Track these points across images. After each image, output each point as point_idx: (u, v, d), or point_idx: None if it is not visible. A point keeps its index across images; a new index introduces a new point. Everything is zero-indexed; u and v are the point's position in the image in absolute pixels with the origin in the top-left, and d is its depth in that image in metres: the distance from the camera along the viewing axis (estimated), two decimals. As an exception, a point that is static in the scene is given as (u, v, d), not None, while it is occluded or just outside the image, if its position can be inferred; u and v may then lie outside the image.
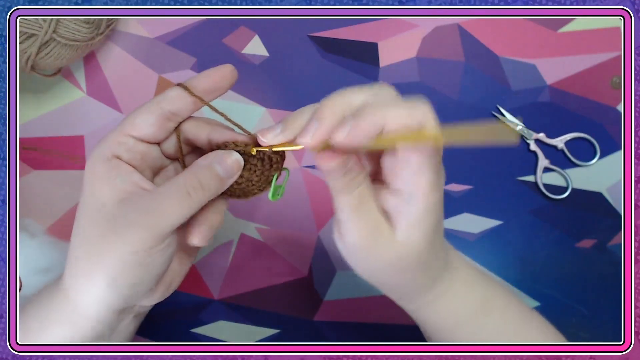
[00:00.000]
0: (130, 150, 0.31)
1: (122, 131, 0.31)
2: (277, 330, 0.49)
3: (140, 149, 0.32)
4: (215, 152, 0.31)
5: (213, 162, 0.31)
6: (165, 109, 0.31)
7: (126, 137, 0.31)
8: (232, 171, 0.31)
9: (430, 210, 0.30)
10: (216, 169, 0.31)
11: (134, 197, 0.30)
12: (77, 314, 0.32)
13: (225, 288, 0.49)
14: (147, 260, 0.30)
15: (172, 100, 0.31)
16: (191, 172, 0.31)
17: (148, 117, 0.31)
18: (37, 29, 0.40)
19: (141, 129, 0.31)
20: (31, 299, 0.36)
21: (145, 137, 0.32)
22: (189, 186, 0.30)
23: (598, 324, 0.49)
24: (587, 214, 0.49)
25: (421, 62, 0.50)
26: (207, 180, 0.30)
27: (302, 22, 0.49)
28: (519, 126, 0.49)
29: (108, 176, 0.30)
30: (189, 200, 0.30)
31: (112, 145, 0.31)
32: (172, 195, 0.30)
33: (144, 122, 0.31)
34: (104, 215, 0.30)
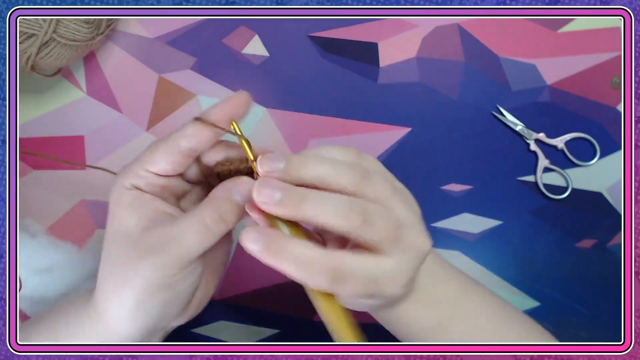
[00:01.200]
0: (150, 183, 0.32)
1: (142, 166, 0.32)
2: (277, 330, 0.49)
3: (161, 182, 0.32)
4: (231, 181, 0.31)
5: (232, 192, 0.31)
6: (183, 147, 0.31)
7: (145, 172, 0.32)
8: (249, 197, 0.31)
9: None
10: (236, 199, 0.31)
11: (158, 225, 0.31)
12: (109, 332, 0.32)
13: (225, 288, 0.49)
14: (174, 284, 0.30)
15: (190, 137, 0.31)
16: (209, 205, 0.31)
17: (166, 155, 0.31)
18: (37, 29, 0.40)
19: (160, 167, 0.31)
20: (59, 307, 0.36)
21: (164, 173, 0.32)
22: (210, 220, 0.30)
23: (598, 324, 0.49)
24: (587, 214, 0.49)
25: (421, 62, 0.50)
26: (227, 212, 0.30)
27: (302, 22, 0.49)
28: (519, 126, 0.49)
29: (132, 205, 0.31)
30: (210, 233, 0.30)
31: (133, 177, 0.32)
32: (193, 229, 0.30)
33: (161, 159, 0.31)
34: (129, 241, 0.30)
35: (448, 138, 0.50)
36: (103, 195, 0.48)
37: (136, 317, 0.31)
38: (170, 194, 0.33)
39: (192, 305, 0.33)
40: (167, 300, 0.31)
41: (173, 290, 0.31)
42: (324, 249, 0.27)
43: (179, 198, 0.34)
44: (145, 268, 0.30)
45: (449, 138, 0.50)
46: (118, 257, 0.31)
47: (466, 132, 0.50)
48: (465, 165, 0.49)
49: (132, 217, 0.31)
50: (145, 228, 0.31)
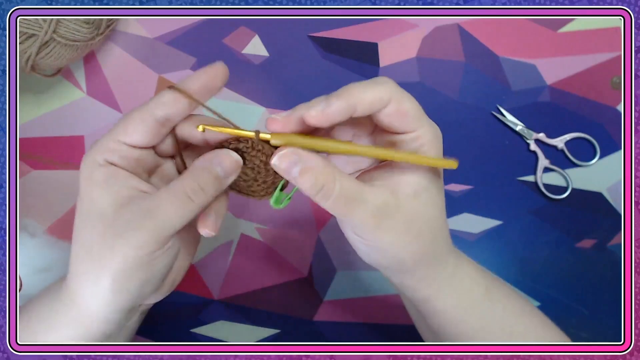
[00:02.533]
0: (124, 156, 0.31)
1: (115, 138, 0.31)
2: (277, 330, 0.49)
3: (135, 154, 0.31)
4: (213, 153, 0.31)
5: (212, 163, 0.31)
6: (158, 115, 0.30)
7: (119, 144, 0.31)
8: (230, 171, 0.31)
9: (432, 178, 0.32)
10: (215, 171, 0.30)
11: (134, 202, 0.30)
12: (84, 316, 0.32)
13: (225, 288, 0.49)
14: (152, 262, 0.30)
15: (165, 105, 0.30)
16: (191, 176, 0.30)
17: (140, 124, 0.30)
18: (37, 29, 0.40)
19: (134, 137, 0.30)
20: (32, 301, 0.36)
21: (139, 144, 0.31)
22: (190, 190, 0.30)
23: (598, 324, 0.49)
24: (587, 214, 0.49)
25: (421, 62, 0.50)
26: (207, 183, 0.30)
27: (302, 22, 0.49)
28: (519, 126, 0.49)
29: (106, 183, 0.30)
30: (191, 204, 0.30)
31: (105, 151, 0.30)
32: (174, 200, 0.29)
33: (136, 130, 0.30)
34: (104, 221, 0.30)
35: (448, 138, 0.50)
36: (103, 195, 0.48)
37: (113, 300, 0.30)
38: (143, 169, 0.32)
39: (166, 283, 0.33)
40: (145, 280, 0.30)
41: (151, 269, 0.30)
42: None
43: (150, 173, 0.34)
44: (123, 247, 0.29)
45: (449, 138, 0.49)
46: (92, 239, 0.30)
47: (466, 132, 0.50)
48: (465, 165, 0.49)
49: (106, 196, 0.30)
50: (120, 205, 0.30)
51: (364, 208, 0.30)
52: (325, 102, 0.29)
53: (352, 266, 0.50)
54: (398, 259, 0.32)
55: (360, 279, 0.50)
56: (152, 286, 0.31)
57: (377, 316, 0.49)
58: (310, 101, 0.30)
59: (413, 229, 0.31)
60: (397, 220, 0.31)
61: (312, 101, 0.30)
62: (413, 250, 0.32)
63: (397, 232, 0.31)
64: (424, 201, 0.31)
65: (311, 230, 0.49)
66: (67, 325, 0.33)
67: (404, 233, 0.31)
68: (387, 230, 0.31)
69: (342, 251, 0.49)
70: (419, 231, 0.31)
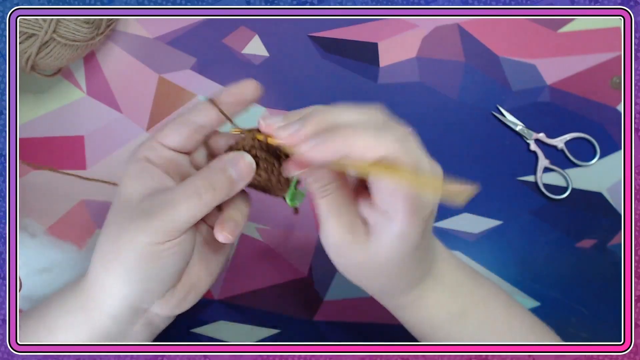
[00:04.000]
0: (160, 155, 0.33)
1: (154, 138, 0.34)
2: (277, 330, 0.49)
3: (169, 155, 0.34)
4: (228, 154, 0.33)
5: (226, 164, 0.32)
6: (193, 121, 0.33)
7: (157, 144, 0.33)
8: (244, 174, 0.32)
9: (408, 233, 0.30)
10: (229, 172, 0.32)
11: (157, 193, 0.32)
12: (92, 307, 0.33)
13: (225, 288, 0.49)
14: (160, 254, 0.31)
15: (201, 113, 0.33)
16: (204, 173, 0.32)
17: (177, 127, 0.33)
18: (37, 29, 0.40)
19: (170, 138, 0.33)
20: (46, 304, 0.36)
21: (174, 145, 0.34)
22: (200, 187, 0.31)
23: (598, 324, 0.49)
24: (587, 214, 0.49)
25: (421, 62, 0.50)
26: (218, 183, 0.31)
27: (302, 22, 0.49)
28: (519, 126, 0.49)
29: (138, 175, 0.33)
30: (199, 200, 0.31)
31: (145, 149, 0.33)
32: (185, 193, 0.31)
33: (173, 132, 0.33)
34: (128, 207, 0.32)
35: (448, 138, 0.50)
36: (103, 195, 0.48)
37: (121, 293, 0.32)
38: (176, 172, 0.34)
39: (177, 292, 0.33)
40: (153, 274, 0.31)
41: (159, 263, 0.31)
42: None
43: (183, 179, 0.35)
44: (134, 230, 0.30)
45: (449, 138, 0.50)
46: (114, 225, 0.32)
47: (466, 132, 0.50)
48: (465, 165, 0.49)
49: (136, 184, 0.32)
50: (144, 196, 0.32)
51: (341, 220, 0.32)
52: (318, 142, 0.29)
53: (352, 266, 0.50)
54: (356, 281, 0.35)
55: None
56: (160, 284, 0.32)
57: (377, 316, 0.49)
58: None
59: (378, 271, 0.33)
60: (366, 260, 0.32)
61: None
62: (371, 285, 0.35)
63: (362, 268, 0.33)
64: (399, 249, 0.31)
65: (311, 230, 0.49)
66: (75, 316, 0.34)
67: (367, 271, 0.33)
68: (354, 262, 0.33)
69: (342, 251, 0.49)
70: (385, 273, 0.33)
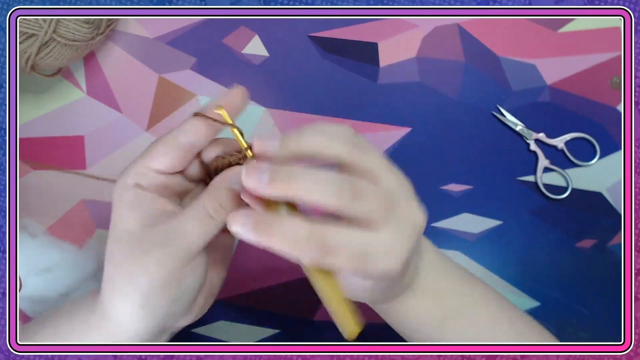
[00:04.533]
0: (151, 182, 0.32)
1: (142, 163, 0.32)
2: (277, 330, 0.49)
3: (161, 179, 0.32)
4: (228, 170, 0.32)
5: (230, 180, 0.31)
6: (183, 142, 0.32)
7: (147, 169, 0.32)
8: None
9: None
10: (233, 188, 0.31)
11: (160, 221, 0.31)
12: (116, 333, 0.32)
13: (225, 288, 0.49)
14: (179, 280, 0.30)
15: (190, 133, 0.32)
16: (210, 194, 0.31)
17: (166, 151, 0.32)
18: (37, 29, 0.40)
19: (160, 163, 0.32)
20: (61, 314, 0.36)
21: (165, 170, 0.32)
22: (211, 209, 0.31)
23: (598, 324, 0.49)
24: (587, 214, 0.49)
25: (421, 62, 0.50)
26: (226, 200, 0.31)
27: (302, 22, 0.49)
28: (519, 126, 0.49)
29: (134, 204, 0.31)
30: (213, 222, 0.31)
31: (134, 175, 0.32)
32: (196, 218, 0.30)
33: (162, 157, 0.32)
34: (131, 240, 0.31)
35: (448, 138, 0.50)
36: (103, 195, 0.48)
37: (143, 317, 0.31)
38: (171, 193, 0.33)
39: (197, 303, 0.33)
40: (174, 297, 0.31)
41: (179, 286, 0.31)
42: (312, 223, 0.27)
43: (181, 197, 0.35)
44: (151, 264, 0.30)
45: (449, 138, 0.50)
46: (122, 256, 0.31)
47: (466, 132, 0.50)
48: (465, 165, 0.49)
49: (133, 215, 0.31)
50: (147, 225, 0.31)
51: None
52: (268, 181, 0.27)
53: (352, 266, 0.49)
54: None
55: (360, 279, 0.50)
56: (181, 305, 0.32)
57: (377, 316, 0.49)
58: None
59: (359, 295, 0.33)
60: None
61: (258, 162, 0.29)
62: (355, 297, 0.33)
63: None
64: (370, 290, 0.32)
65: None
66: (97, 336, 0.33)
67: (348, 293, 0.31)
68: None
69: (342, 251, 0.49)
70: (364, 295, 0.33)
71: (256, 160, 0.30)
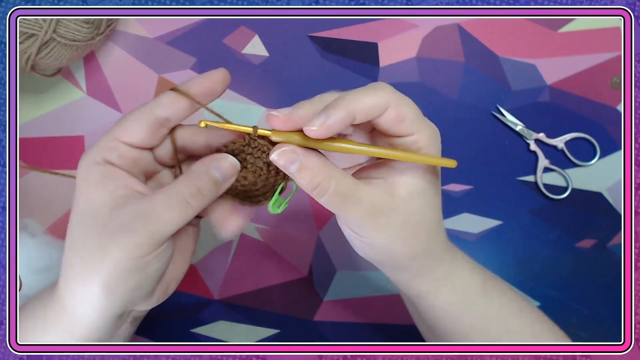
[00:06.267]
0: (122, 155, 0.31)
1: (113, 136, 0.31)
2: (277, 330, 0.49)
3: (132, 154, 0.31)
4: (210, 157, 0.31)
5: (210, 167, 0.30)
6: (157, 115, 0.30)
7: (117, 143, 0.31)
8: (228, 175, 0.31)
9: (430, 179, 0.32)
10: (213, 174, 0.30)
11: (130, 202, 0.29)
12: (74, 322, 0.31)
13: (225, 288, 0.49)
14: (144, 266, 0.29)
15: (165, 105, 0.31)
16: (189, 179, 0.30)
17: (140, 123, 0.30)
18: (37, 29, 0.40)
19: (132, 135, 0.30)
20: (25, 306, 0.35)
21: (137, 143, 0.31)
22: (188, 194, 0.30)
23: (598, 324, 0.49)
24: (587, 214, 0.49)
25: (421, 62, 0.50)
26: (205, 187, 0.30)
27: (302, 22, 0.49)
28: (519, 126, 0.49)
29: (102, 182, 0.30)
30: (188, 207, 0.30)
31: (103, 150, 0.30)
32: (171, 203, 0.29)
33: (135, 129, 0.30)
34: (99, 221, 0.29)
35: (448, 138, 0.50)
36: (103, 195, 0.48)
37: (102, 305, 0.30)
38: (140, 172, 0.32)
39: (159, 289, 0.32)
40: (138, 284, 0.30)
41: (143, 273, 0.29)
42: None
43: (147, 178, 0.33)
44: (115, 250, 0.28)
45: (449, 138, 0.49)
46: (85, 241, 0.29)
47: (466, 132, 0.50)
48: (465, 165, 0.49)
49: (101, 194, 0.29)
50: (115, 206, 0.29)
51: (358, 206, 0.30)
52: (325, 114, 0.29)
53: (352, 266, 0.50)
54: (391, 256, 0.33)
55: (360, 279, 0.50)
56: (144, 291, 0.31)
57: (377, 316, 0.49)
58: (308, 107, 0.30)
59: (408, 229, 0.31)
60: (392, 220, 0.31)
61: (311, 112, 0.30)
62: (406, 250, 0.32)
63: (392, 231, 0.31)
64: (420, 202, 0.32)
65: (311, 230, 0.49)
66: (56, 332, 0.32)
67: (398, 233, 0.31)
68: (382, 229, 0.31)
69: (342, 251, 0.49)
70: (414, 231, 0.32)
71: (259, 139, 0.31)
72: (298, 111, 0.30)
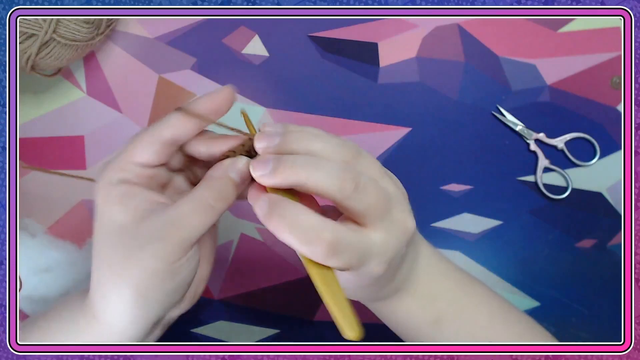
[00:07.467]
0: (138, 175, 0.32)
1: (125, 159, 0.32)
2: (277, 330, 0.49)
3: (147, 172, 0.32)
4: (226, 161, 0.32)
5: (228, 171, 0.31)
6: (166, 136, 0.31)
7: (130, 164, 0.32)
8: (244, 176, 0.32)
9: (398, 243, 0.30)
10: (232, 178, 0.31)
11: (154, 213, 0.30)
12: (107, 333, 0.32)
13: (225, 288, 0.49)
14: (176, 272, 0.30)
15: (173, 127, 0.31)
16: (210, 185, 0.31)
17: (150, 144, 0.31)
18: (37, 29, 0.40)
19: (144, 157, 0.32)
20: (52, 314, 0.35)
21: (149, 163, 0.32)
22: (211, 199, 0.31)
23: (598, 324, 0.49)
24: (587, 214, 0.49)
25: (421, 62, 0.50)
26: (226, 190, 0.31)
27: (302, 22, 0.49)
28: (519, 126, 0.49)
29: (123, 201, 0.31)
30: (213, 211, 0.31)
31: (118, 172, 0.31)
32: (197, 208, 0.30)
33: (146, 150, 0.31)
34: (125, 235, 0.30)
35: (448, 138, 0.50)
36: (103, 195, 0.48)
37: (137, 313, 0.31)
38: (156, 184, 0.33)
39: (189, 293, 0.33)
40: (169, 290, 0.31)
41: (175, 278, 0.30)
42: (326, 219, 0.28)
43: (163, 188, 0.34)
44: (147, 257, 0.29)
45: (449, 138, 0.50)
46: (115, 252, 0.30)
47: (466, 132, 0.50)
48: (465, 165, 0.49)
49: (124, 211, 0.30)
50: (141, 219, 0.30)
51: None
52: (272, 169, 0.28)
53: (352, 266, 0.49)
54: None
55: (360, 279, 0.50)
56: (176, 296, 0.32)
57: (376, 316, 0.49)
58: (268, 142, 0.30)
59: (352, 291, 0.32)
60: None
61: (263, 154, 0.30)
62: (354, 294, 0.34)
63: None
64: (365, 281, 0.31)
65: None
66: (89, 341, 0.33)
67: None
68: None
69: (342, 251, 0.49)
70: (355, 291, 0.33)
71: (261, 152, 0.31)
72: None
